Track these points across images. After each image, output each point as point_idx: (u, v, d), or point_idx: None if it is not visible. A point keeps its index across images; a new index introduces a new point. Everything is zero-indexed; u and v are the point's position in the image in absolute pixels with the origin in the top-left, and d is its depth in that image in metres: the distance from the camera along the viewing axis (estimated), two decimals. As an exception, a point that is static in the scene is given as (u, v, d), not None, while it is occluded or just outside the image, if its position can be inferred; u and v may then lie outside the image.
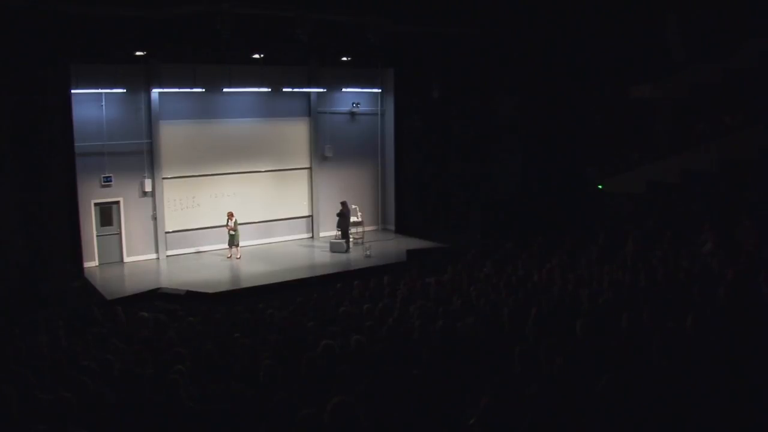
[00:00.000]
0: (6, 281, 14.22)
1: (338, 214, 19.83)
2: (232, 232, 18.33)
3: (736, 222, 12.52)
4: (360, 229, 20.68)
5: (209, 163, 19.54)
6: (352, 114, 22.07)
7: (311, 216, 21.51)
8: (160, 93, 18.35)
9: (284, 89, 20.04)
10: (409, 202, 22.31)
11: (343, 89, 21.63)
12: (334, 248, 19.36)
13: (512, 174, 19.55)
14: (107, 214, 18.18)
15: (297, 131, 21.16)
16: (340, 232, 19.86)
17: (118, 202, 18.26)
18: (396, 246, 20.17)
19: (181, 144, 19.08)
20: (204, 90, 18.69)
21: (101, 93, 17.54)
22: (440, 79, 20.28)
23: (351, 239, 19.96)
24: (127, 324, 10.67)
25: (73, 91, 16.54)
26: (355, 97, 21.93)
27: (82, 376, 5.96)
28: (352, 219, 20.28)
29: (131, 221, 18.46)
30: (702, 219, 13.28)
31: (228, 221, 18.34)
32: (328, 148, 21.31)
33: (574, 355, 5.46)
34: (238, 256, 18.46)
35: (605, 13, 16.12)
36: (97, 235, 17.97)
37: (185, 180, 19.25)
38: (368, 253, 18.74)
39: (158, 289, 15.58)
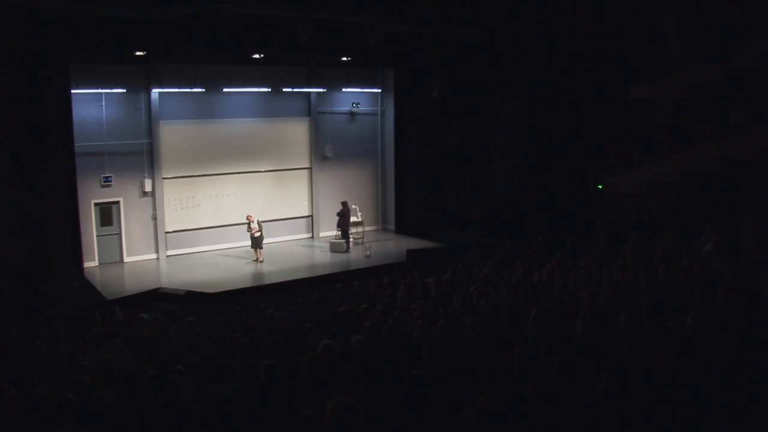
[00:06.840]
0: (6, 281, 14.20)
1: (338, 214, 19.82)
2: (257, 234, 18.07)
3: (736, 222, 12.51)
4: (360, 229, 20.68)
5: (209, 163, 19.55)
6: (352, 114, 22.08)
7: (311, 216, 21.52)
8: (160, 93, 18.36)
9: (284, 89, 20.04)
10: (409, 202, 22.31)
11: (343, 89, 21.64)
12: (334, 248, 19.36)
13: (512, 174, 19.54)
14: (107, 214, 18.20)
15: (297, 131, 21.17)
16: (340, 232, 19.87)
17: (118, 202, 18.27)
18: (396, 246, 20.17)
19: (181, 144, 19.09)
20: (204, 90, 18.71)
21: (101, 93, 17.55)
22: (440, 79, 20.27)
23: (351, 239, 19.96)
24: (126, 324, 10.66)
25: (73, 91, 16.54)
26: (355, 97, 21.93)
27: (82, 376, 5.97)
28: (352, 219, 20.28)
29: (131, 221, 18.47)
30: (702, 219, 13.26)
31: (250, 224, 18.09)
32: (328, 148, 21.31)
33: (574, 355, 5.46)
34: (261, 259, 18.11)
35: (605, 13, 16.11)
36: (97, 235, 17.98)
37: (185, 180, 19.26)
38: (368, 253, 18.74)
39: (158, 289, 15.58)
